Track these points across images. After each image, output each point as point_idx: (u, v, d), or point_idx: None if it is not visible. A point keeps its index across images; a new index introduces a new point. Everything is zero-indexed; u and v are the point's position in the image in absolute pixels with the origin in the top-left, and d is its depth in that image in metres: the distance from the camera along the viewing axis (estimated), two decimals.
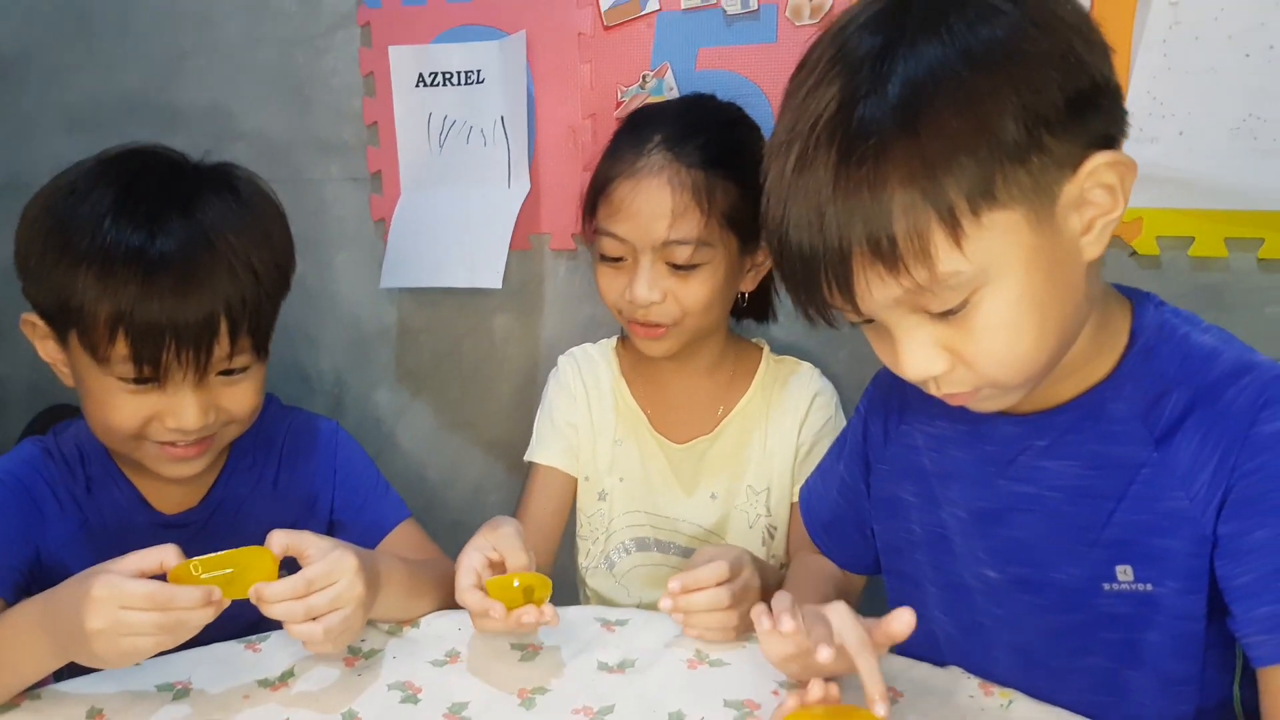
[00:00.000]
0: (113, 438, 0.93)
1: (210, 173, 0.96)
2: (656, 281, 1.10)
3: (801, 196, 0.67)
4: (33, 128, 1.62)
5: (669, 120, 1.13)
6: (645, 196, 1.08)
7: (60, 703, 0.81)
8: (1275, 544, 0.69)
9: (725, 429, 1.20)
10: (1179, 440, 0.73)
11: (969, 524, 0.84)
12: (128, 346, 0.86)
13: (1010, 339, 0.69)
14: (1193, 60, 1.15)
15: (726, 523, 1.20)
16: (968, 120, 0.63)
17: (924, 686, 0.82)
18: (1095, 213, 0.68)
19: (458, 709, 0.79)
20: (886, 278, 0.66)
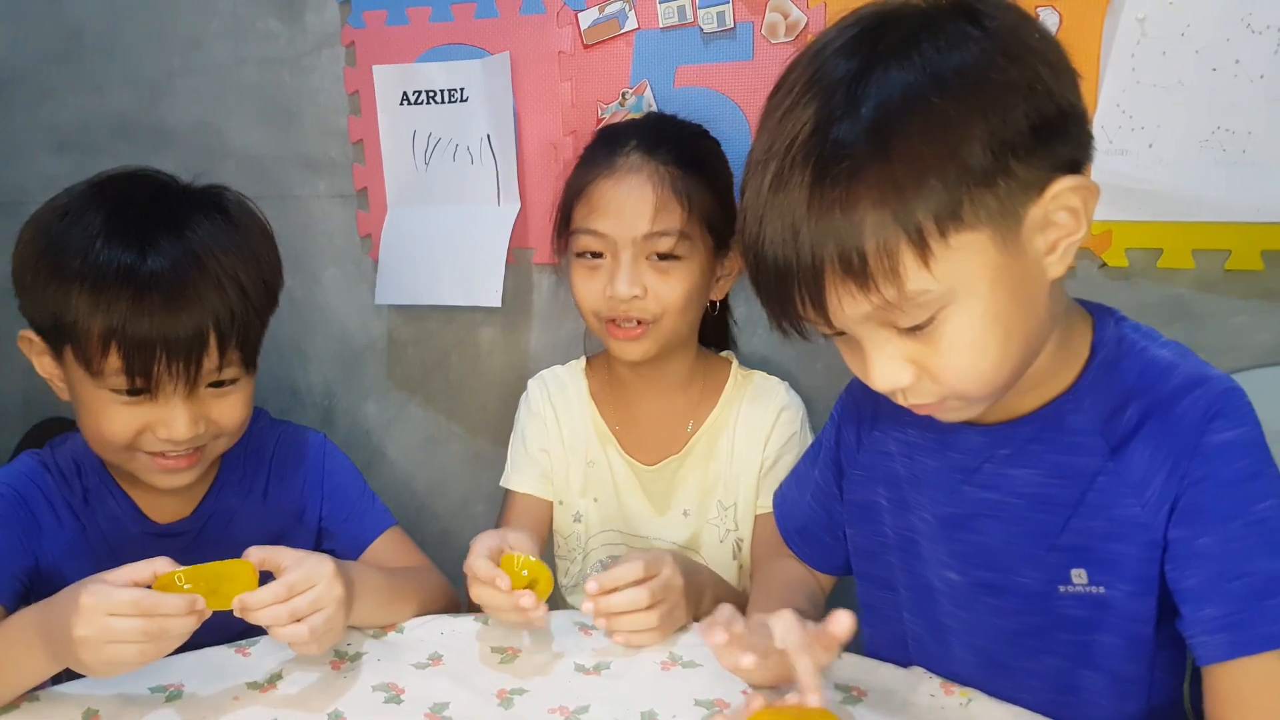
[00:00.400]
0: (107, 449, 0.98)
1: (200, 194, 1.01)
2: (638, 277, 1.14)
3: (777, 214, 0.71)
4: (23, 147, 1.68)
5: (639, 130, 1.19)
6: (626, 191, 1.13)
7: (58, 704, 0.86)
8: (1220, 550, 0.74)
9: (694, 447, 1.25)
10: (1133, 450, 0.78)
11: (936, 528, 0.88)
12: (120, 360, 0.91)
13: (975, 355, 0.73)
14: (1161, 74, 1.20)
15: (699, 538, 1.25)
16: (937, 146, 0.67)
17: (887, 686, 0.87)
18: (1059, 234, 0.73)
19: (439, 709, 0.85)
20: (857, 294, 0.71)
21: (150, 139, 1.60)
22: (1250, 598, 0.72)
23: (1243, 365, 1.23)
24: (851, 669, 0.89)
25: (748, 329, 1.40)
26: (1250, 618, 0.72)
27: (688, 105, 1.33)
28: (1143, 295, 1.26)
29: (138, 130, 1.61)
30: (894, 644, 0.95)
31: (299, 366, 1.65)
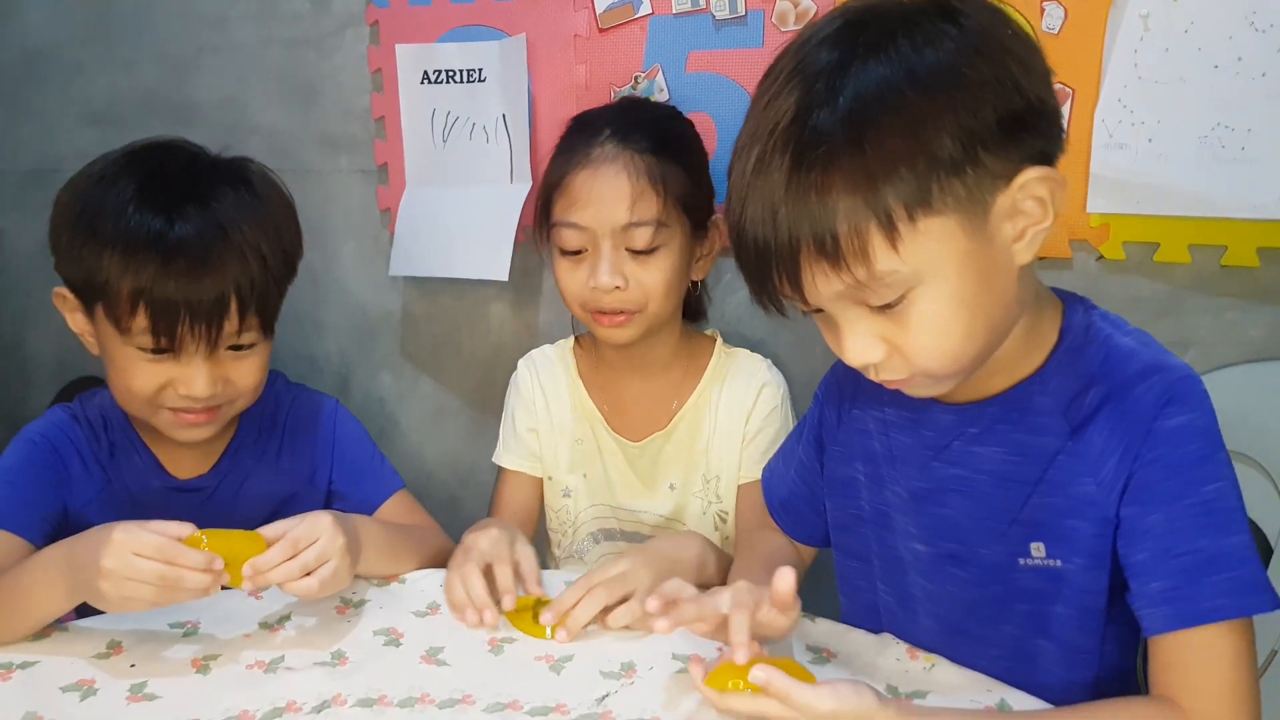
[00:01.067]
0: (131, 402, 1.08)
1: (226, 166, 1.10)
2: (618, 267, 1.20)
3: (758, 196, 0.77)
4: (57, 121, 1.79)
5: (612, 118, 1.25)
6: (604, 182, 1.19)
7: (83, 636, 0.97)
8: (1167, 527, 0.80)
9: (679, 423, 1.31)
10: (1091, 431, 0.84)
11: (907, 502, 0.96)
12: (147, 320, 1.01)
13: (941, 334, 0.79)
14: (1163, 70, 1.24)
15: (684, 511, 1.33)
16: (908, 137, 0.73)
17: (855, 649, 0.95)
18: (1027, 222, 0.79)
19: (434, 652, 0.94)
20: (830, 273, 0.77)
21: (177, 114, 1.70)
22: (1192, 573, 0.79)
23: (1235, 360, 1.29)
24: (823, 633, 0.98)
25: (717, 303, 1.48)
26: (1192, 592, 0.78)
27: (698, 90, 1.41)
28: (1138, 288, 1.31)
29: (165, 106, 1.72)
30: (867, 614, 1.02)
31: (317, 337, 1.75)
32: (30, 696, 0.87)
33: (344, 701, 0.87)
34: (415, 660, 0.93)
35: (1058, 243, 1.32)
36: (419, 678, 0.90)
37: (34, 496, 1.08)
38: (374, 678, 0.90)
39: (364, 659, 0.93)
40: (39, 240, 1.10)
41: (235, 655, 0.94)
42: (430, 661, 0.93)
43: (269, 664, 0.92)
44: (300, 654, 0.94)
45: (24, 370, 1.96)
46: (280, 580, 0.93)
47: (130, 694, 0.88)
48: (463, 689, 0.89)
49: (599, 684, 0.89)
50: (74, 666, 0.92)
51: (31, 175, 1.83)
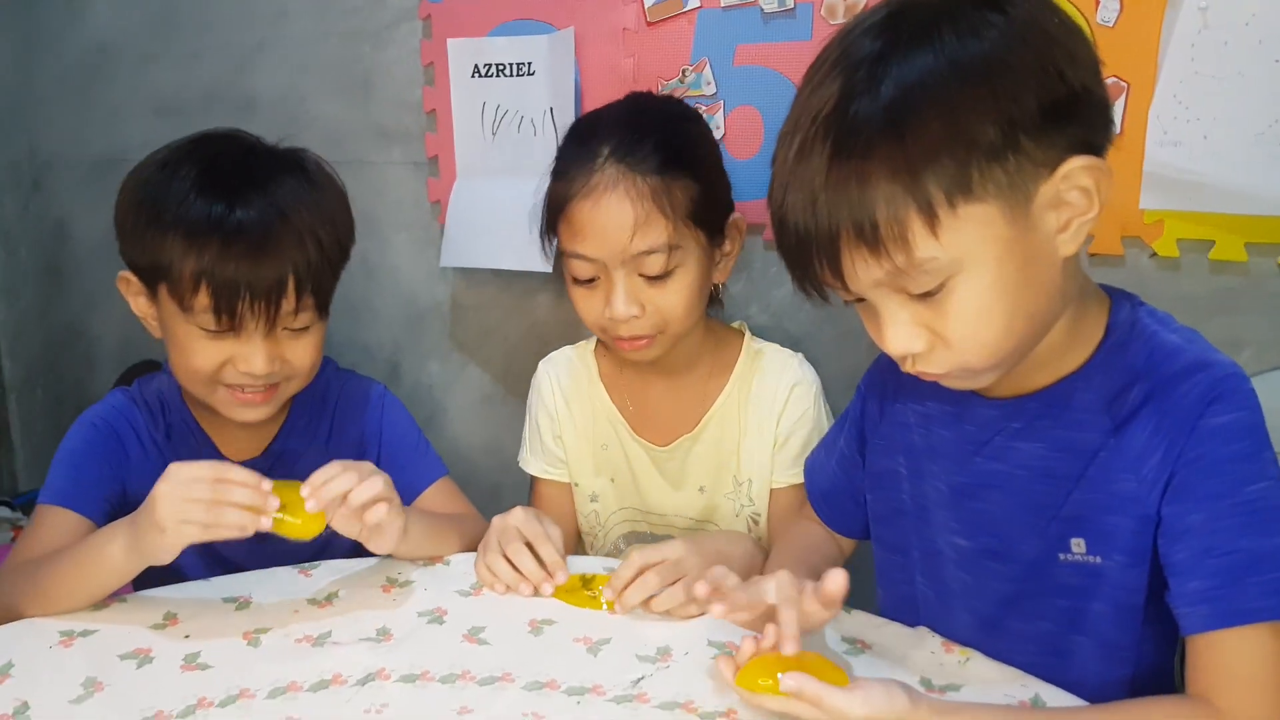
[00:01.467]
0: (192, 380, 1.12)
1: (284, 155, 1.14)
2: (633, 295, 1.15)
3: (799, 183, 0.78)
4: (124, 111, 1.85)
5: (615, 128, 1.18)
6: (606, 213, 1.13)
7: (142, 605, 1.01)
8: (1208, 527, 0.80)
9: (707, 425, 1.28)
10: (1134, 428, 0.84)
11: (947, 496, 0.95)
12: (209, 299, 1.05)
13: (981, 323, 0.79)
14: (1221, 65, 1.21)
15: (715, 512, 1.31)
16: (948, 124, 0.73)
17: (891, 642, 0.95)
18: (1072, 213, 0.78)
19: (476, 631, 0.97)
20: (869, 260, 0.77)
21: (238, 106, 1.75)
22: (1233, 573, 0.78)
23: None
24: (859, 625, 0.98)
25: (761, 296, 1.48)
26: (1232, 592, 0.78)
27: (746, 83, 1.41)
28: (1191, 286, 1.28)
29: (227, 97, 1.76)
30: (904, 606, 1.02)
31: (369, 325, 1.79)
32: (90, 663, 0.91)
33: (388, 676, 0.90)
34: (457, 639, 0.95)
35: (1110, 239, 1.30)
36: (461, 655, 0.93)
37: (96, 478, 1.12)
38: (417, 654, 0.93)
39: (408, 636, 0.96)
40: (104, 228, 1.14)
41: (284, 629, 0.97)
42: (472, 640, 0.95)
43: (316, 638, 0.95)
44: (346, 629, 0.97)
45: (88, 354, 2.02)
46: (342, 490, 0.96)
47: (184, 663, 0.92)
48: (503, 667, 0.91)
49: (634, 667, 0.91)
50: (132, 635, 0.96)
51: (97, 165, 1.90)
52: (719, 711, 0.84)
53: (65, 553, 1.00)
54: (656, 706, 0.85)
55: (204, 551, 1.11)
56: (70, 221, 1.98)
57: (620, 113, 1.24)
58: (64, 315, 2.04)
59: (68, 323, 2.04)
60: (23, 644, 0.94)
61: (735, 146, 1.43)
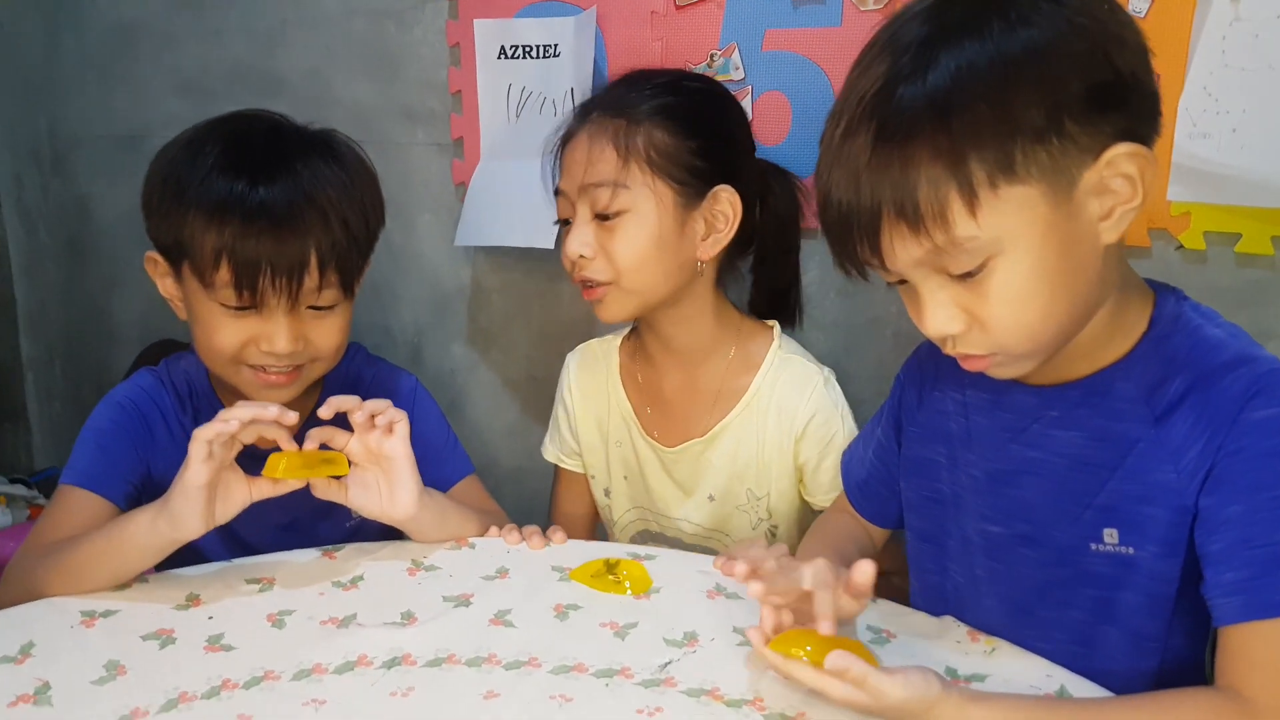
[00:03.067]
0: (216, 360, 1.09)
1: (312, 135, 1.12)
2: (586, 235, 1.16)
3: (844, 161, 0.78)
4: (148, 88, 1.83)
5: (605, 92, 1.23)
6: (573, 149, 1.18)
7: (164, 586, 0.99)
8: (1246, 519, 0.78)
9: (721, 434, 1.24)
10: (1175, 419, 0.83)
11: (983, 483, 0.94)
12: (230, 274, 1.03)
13: (1021, 306, 0.79)
14: (1251, 58, 1.20)
15: (728, 523, 1.28)
16: (994, 110, 0.73)
17: (916, 631, 0.93)
18: (1115, 201, 0.78)
19: (502, 615, 0.95)
20: (909, 238, 0.77)
21: (264, 85, 1.72)
22: (1269, 565, 0.77)
23: None
24: (884, 614, 0.96)
25: (817, 297, 1.45)
26: (1267, 584, 0.76)
27: (774, 69, 1.39)
28: (1218, 279, 1.27)
29: (252, 76, 1.74)
30: (934, 596, 1.01)
31: (392, 307, 1.77)
32: (113, 643, 0.89)
33: (414, 660, 0.88)
34: (483, 622, 0.94)
35: (1137, 231, 1.28)
36: (487, 638, 0.91)
37: (121, 460, 1.10)
38: (442, 637, 0.91)
39: (433, 619, 0.94)
40: (128, 206, 1.13)
41: (309, 611, 0.95)
42: (498, 623, 0.93)
43: (341, 620, 0.94)
44: (372, 612, 0.95)
45: (108, 333, 2.01)
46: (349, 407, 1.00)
47: (207, 644, 0.90)
48: (529, 651, 0.89)
49: (662, 651, 0.89)
50: (154, 616, 0.94)
51: (122, 142, 1.87)
52: (745, 699, 0.82)
53: (91, 533, 0.98)
54: (683, 692, 0.83)
55: (226, 536, 1.09)
56: (92, 200, 1.96)
57: (620, 80, 1.25)
58: (84, 294, 2.02)
59: (88, 301, 2.02)
60: (44, 624, 0.92)
61: (763, 132, 1.41)
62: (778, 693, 0.82)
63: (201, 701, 0.82)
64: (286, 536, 1.08)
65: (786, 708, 0.81)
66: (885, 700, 0.74)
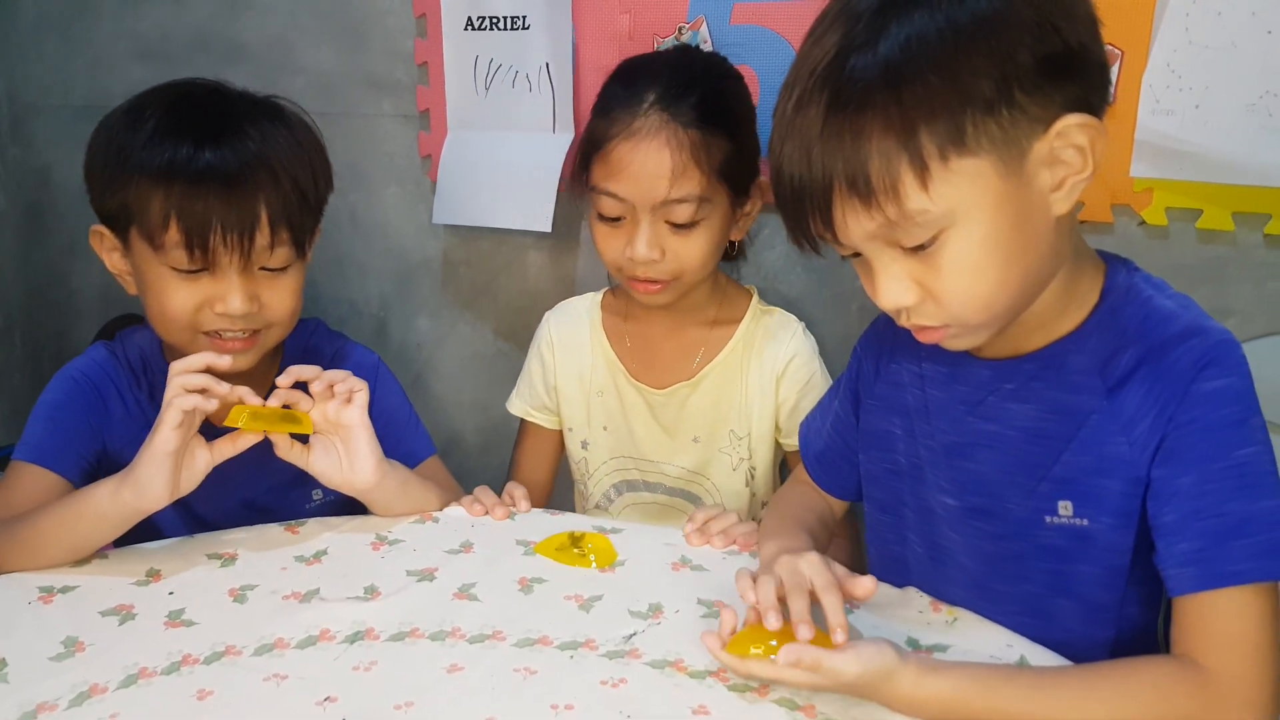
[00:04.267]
0: (170, 328, 1.07)
1: (258, 99, 1.10)
2: (656, 240, 1.16)
3: (796, 134, 0.77)
4: (108, 54, 1.78)
5: (661, 76, 1.18)
6: (645, 157, 1.14)
7: (124, 561, 0.97)
8: (1197, 489, 0.79)
9: (706, 377, 1.29)
10: (1127, 391, 0.83)
11: (939, 455, 0.94)
12: (180, 234, 1.00)
13: (973, 277, 0.78)
14: (1214, 35, 1.20)
15: (709, 465, 1.31)
16: (945, 82, 0.73)
17: (880, 601, 0.91)
18: (1066, 171, 0.77)
19: (466, 588, 0.94)
20: (861, 212, 0.76)
21: (226, 52, 1.68)
22: (1220, 535, 0.77)
23: (1275, 330, 1.26)
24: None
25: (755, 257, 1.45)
26: (1218, 554, 0.77)
27: (743, 42, 1.37)
28: (1180, 255, 1.27)
29: (215, 43, 1.70)
30: (894, 566, 1.01)
31: (357, 280, 1.74)
32: (71, 620, 0.88)
33: (376, 635, 0.87)
34: (447, 596, 0.93)
35: (1099, 207, 1.28)
36: (450, 612, 0.90)
37: (75, 434, 1.08)
38: (406, 611, 0.90)
39: (397, 592, 0.93)
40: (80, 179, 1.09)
41: (271, 585, 0.94)
42: (462, 597, 0.92)
43: (304, 595, 0.92)
44: (335, 586, 0.94)
45: (69, 304, 1.96)
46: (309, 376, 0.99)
47: (168, 620, 0.88)
48: (493, 624, 0.88)
49: (627, 623, 0.89)
50: (114, 592, 0.92)
51: (81, 110, 1.81)
52: (710, 670, 0.82)
53: (49, 506, 0.96)
54: (647, 663, 0.83)
55: (187, 515, 1.07)
56: (51, 168, 1.91)
57: (668, 61, 1.24)
58: (44, 264, 1.98)
59: (47, 272, 1.97)
60: (1, 600, 0.90)
61: None
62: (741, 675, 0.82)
63: (161, 677, 0.81)
64: (247, 514, 1.06)
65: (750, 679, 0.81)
66: (841, 679, 0.75)
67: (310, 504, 1.15)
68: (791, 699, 0.79)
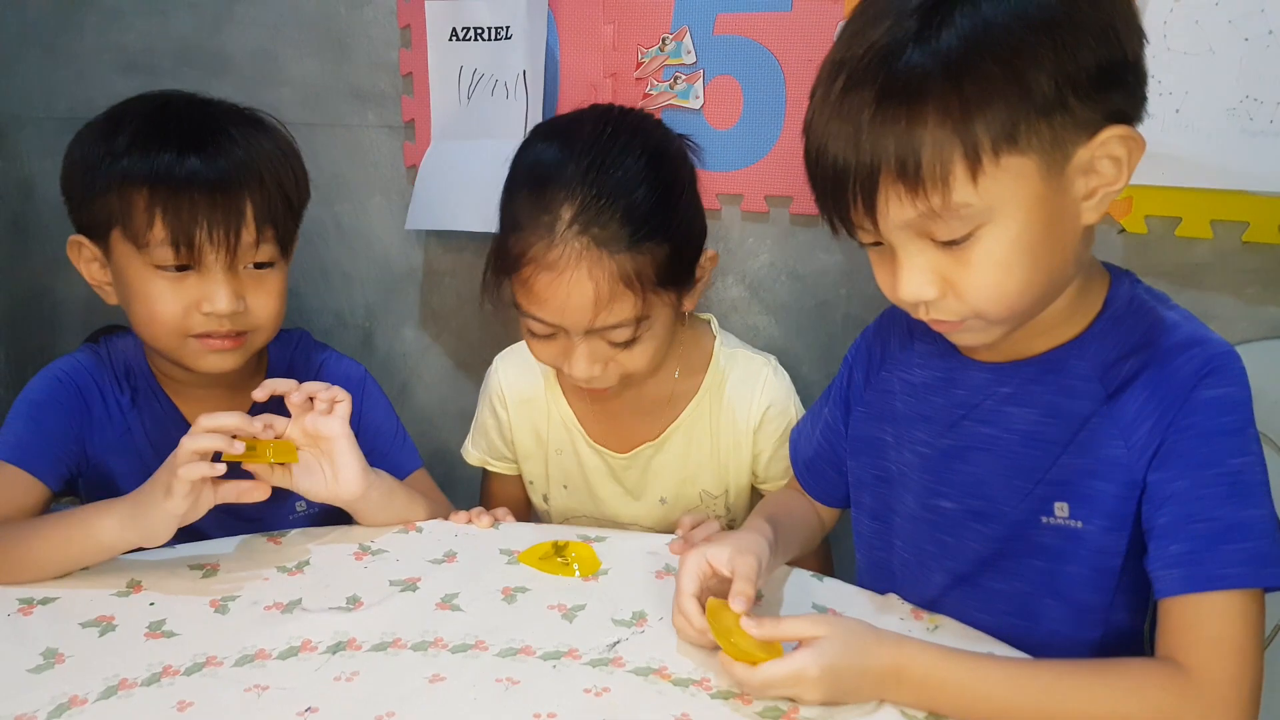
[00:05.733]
0: (158, 332, 1.05)
1: (238, 109, 1.10)
2: (596, 356, 1.06)
3: (845, 114, 0.76)
4: (93, 67, 1.77)
5: (576, 182, 1.02)
6: (567, 289, 1.01)
7: (104, 572, 0.96)
8: (1192, 494, 0.79)
9: (672, 435, 1.20)
10: (1127, 396, 0.83)
11: (934, 460, 0.94)
12: (166, 231, 1.00)
13: (1002, 274, 0.78)
14: (1192, 41, 1.21)
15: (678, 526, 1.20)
16: (1005, 70, 0.72)
17: (861, 610, 0.93)
18: (1100, 181, 0.77)
19: (449, 599, 0.93)
20: (905, 199, 0.75)
21: (211, 64, 1.67)
22: (1209, 540, 0.78)
23: (1254, 336, 1.26)
24: (830, 592, 0.96)
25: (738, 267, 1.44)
26: (1207, 558, 0.78)
27: (726, 53, 1.37)
28: (1159, 262, 1.28)
29: (199, 55, 1.69)
30: (881, 572, 1.01)
31: (343, 290, 1.73)
32: (51, 631, 0.87)
33: (359, 645, 0.86)
34: (430, 606, 0.92)
35: None
36: (433, 622, 0.89)
37: (55, 434, 1.07)
38: (388, 621, 0.89)
39: (379, 603, 0.92)
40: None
41: (253, 596, 0.93)
42: (445, 607, 0.92)
43: (286, 605, 0.92)
44: (317, 596, 0.93)
45: (54, 316, 1.95)
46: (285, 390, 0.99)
47: (148, 631, 0.88)
48: (476, 634, 0.88)
49: (610, 631, 0.88)
50: (94, 603, 0.91)
51: (66, 123, 1.78)
52: (693, 678, 0.82)
53: (42, 525, 0.96)
54: (631, 671, 0.83)
55: None
56: (35, 180, 1.90)
57: (581, 155, 1.04)
58: (28, 276, 1.96)
59: (32, 284, 1.96)
60: None
61: (714, 116, 1.40)
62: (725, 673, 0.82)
63: (142, 689, 0.80)
64: (231, 524, 1.05)
65: (733, 686, 0.80)
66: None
67: (294, 514, 1.15)
68: (776, 706, 0.78)
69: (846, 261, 1.41)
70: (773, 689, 0.78)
